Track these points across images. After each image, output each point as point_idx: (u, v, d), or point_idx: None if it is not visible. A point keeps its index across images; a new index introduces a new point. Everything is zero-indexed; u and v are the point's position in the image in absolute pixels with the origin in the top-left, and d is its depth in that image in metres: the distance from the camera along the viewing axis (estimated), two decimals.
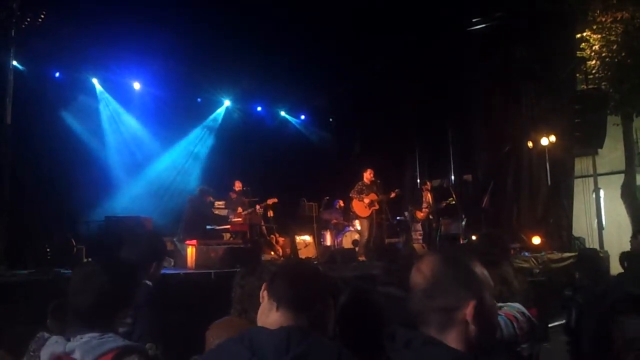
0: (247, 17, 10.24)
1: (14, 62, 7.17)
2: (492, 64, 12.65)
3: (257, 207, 10.70)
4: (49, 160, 9.06)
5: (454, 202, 11.45)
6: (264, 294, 1.80)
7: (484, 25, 12.22)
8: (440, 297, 1.44)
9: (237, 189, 10.89)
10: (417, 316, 1.48)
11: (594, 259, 5.58)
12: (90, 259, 2.15)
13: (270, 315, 1.74)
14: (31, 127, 8.39)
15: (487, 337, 1.47)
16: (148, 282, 2.77)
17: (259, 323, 1.76)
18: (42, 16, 7.25)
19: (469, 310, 1.41)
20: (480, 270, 1.50)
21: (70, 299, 1.98)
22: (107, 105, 10.93)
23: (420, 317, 1.47)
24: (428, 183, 12.21)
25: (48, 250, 7.00)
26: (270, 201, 10.66)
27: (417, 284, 1.48)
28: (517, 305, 2.95)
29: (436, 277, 1.46)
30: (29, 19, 7.03)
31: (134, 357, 1.85)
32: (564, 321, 5.42)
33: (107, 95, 10.96)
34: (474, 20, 12.22)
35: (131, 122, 11.20)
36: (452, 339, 1.42)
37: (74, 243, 7.35)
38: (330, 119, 15.51)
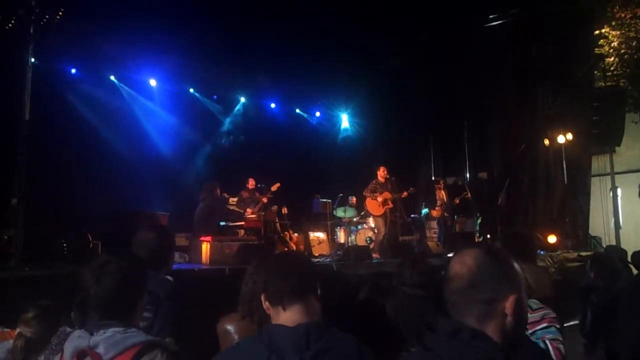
0: (261, 14, 10.25)
1: (32, 59, 7.23)
2: (508, 61, 12.57)
3: (272, 207, 10.77)
4: (66, 156, 9.13)
5: (468, 196, 11.35)
6: (266, 304, 1.81)
7: (500, 22, 12.12)
8: (484, 289, 1.45)
9: (250, 186, 10.90)
10: (453, 307, 1.49)
11: (610, 259, 5.51)
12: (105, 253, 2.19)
13: (281, 316, 1.75)
14: (48, 123, 8.46)
15: (520, 330, 1.51)
16: (169, 277, 2.77)
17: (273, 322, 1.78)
18: (60, 13, 7.30)
19: (509, 304, 1.44)
20: (517, 265, 1.53)
21: (87, 290, 2.00)
22: (124, 101, 10.99)
23: (458, 308, 1.48)
24: (441, 182, 12.14)
25: (65, 245, 7.08)
26: (274, 187, 10.67)
27: (460, 275, 1.49)
28: (536, 301, 2.94)
29: (481, 269, 1.48)
30: (47, 16, 7.09)
31: (157, 352, 1.87)
32: (577, 321, 5.37)
33: (124, 90, 11.02)
34: (490, 17, 12.13)
35: (148, 119, 11.25)
36: (490, 331, 1.44)
37: (90, 238, 7.42)
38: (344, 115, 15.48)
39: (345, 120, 15.53)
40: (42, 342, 2.44)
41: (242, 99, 13.43)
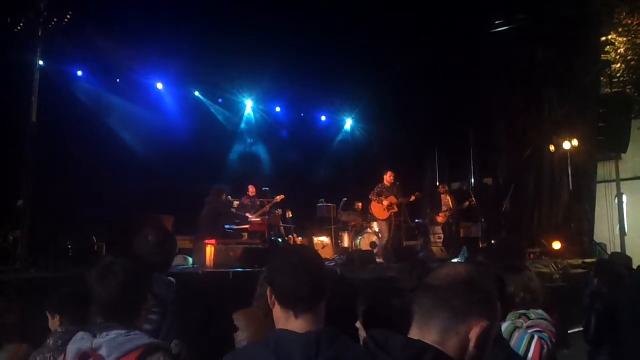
0: (266, 18, 10.28)
1: (40, 62, 7.27)
2: (514, 67, 12.53)
3: (276, 211, 10.78)
4: (72, 158, 9.17)
5: (474, 202, 11.32)
6: (272, 299, 1.72)
7: (507, 28, 12.10)
8: (461, 299, 1.36)
9: (250, 194, 10.94)
10: (421, 306, 1.41)
11: (614, 265, 5.48)
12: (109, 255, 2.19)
13: (290, 323, 1.69)
14: (55, 125, 8.49)
15: (482, 358, 1.39)
16: (172, 280, 2.77)
17: (279, 327, 1.71)
18: (68, 17, 7.34)
19: (477, 329, 1.35)
20: (497, 295, 1.44)
21: (91, 293, 2.02)
22: (130, 104, 11.02)
23: (425, 310, 1.40)
24: (445, 186, 12.11)
25: (70, 247, 7.09)
26: (278, 198, 10.68)
27: (444, 276, 1.42)
28: (540, 312, 2.93)
29: (468, 280, 1.39)
30: (55, 20, 7.13)
31: (160, 355, 1.87)
32: (582, 328, 5.34)
33: (130, 93, 11.05)
34: (497, 22, 12.11)
35: (154, 122, 11.28)
36: (451, 350, 1.35)
37: (95, 240, 7.44)
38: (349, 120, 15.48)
39: (350, 125, 15.54)
40: None
41: (248, 103, 13.45)
